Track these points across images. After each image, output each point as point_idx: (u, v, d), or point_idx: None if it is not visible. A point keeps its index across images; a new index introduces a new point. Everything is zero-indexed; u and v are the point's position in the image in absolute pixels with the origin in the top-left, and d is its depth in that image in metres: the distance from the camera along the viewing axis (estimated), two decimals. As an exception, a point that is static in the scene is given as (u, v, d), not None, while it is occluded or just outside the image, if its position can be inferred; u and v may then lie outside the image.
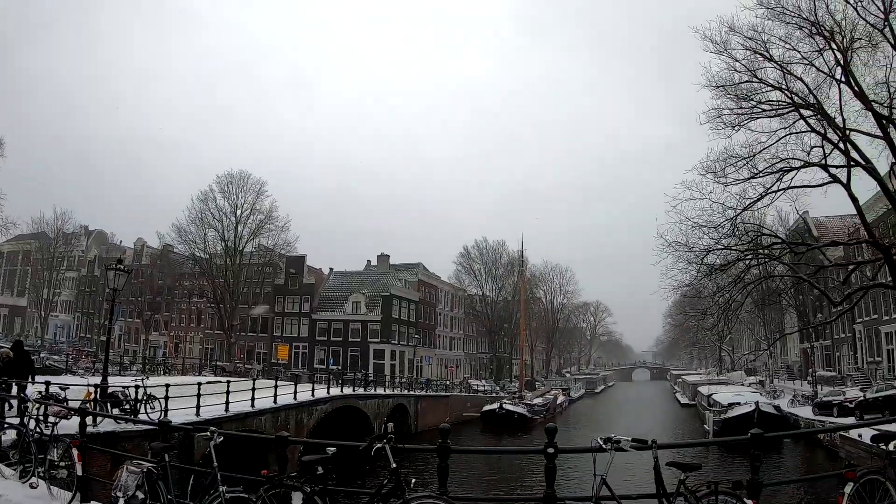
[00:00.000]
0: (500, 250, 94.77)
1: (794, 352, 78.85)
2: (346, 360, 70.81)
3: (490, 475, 27.80)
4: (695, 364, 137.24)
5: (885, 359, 51.49)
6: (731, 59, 29.07)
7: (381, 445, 7.00)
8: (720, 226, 28.56)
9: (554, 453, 6.81)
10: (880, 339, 52.40)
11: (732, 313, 30.83)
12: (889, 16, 27.29)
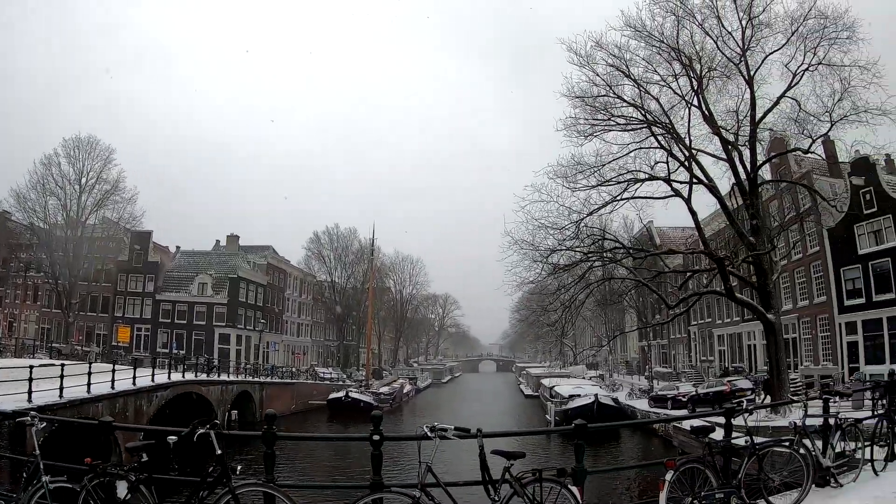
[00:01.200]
0: (352, 237, 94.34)
1: (633, 349, 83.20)
2: (190, 345, 68.16)
3: (332, 463, 27.67)
4: (539, 357, 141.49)
5: (716, 358, 55.72)
6: (594, 73, 30.42)
7: (205, 431, 6.65)
8: (565, 228, 29.99)
9: (379, 441, 6.88)
10: (713, 341, 56.67)
11: (574, 311, 31.91)
12: (746, 52, 29.54)
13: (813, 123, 30.08)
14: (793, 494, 8.37)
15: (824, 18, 28.76)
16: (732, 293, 30.97)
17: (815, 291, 42.63)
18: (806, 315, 43.58)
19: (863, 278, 37.98)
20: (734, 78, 30.95)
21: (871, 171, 37.24)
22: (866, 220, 37.59)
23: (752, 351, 49.51)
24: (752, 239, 30.14)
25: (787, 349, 38.97)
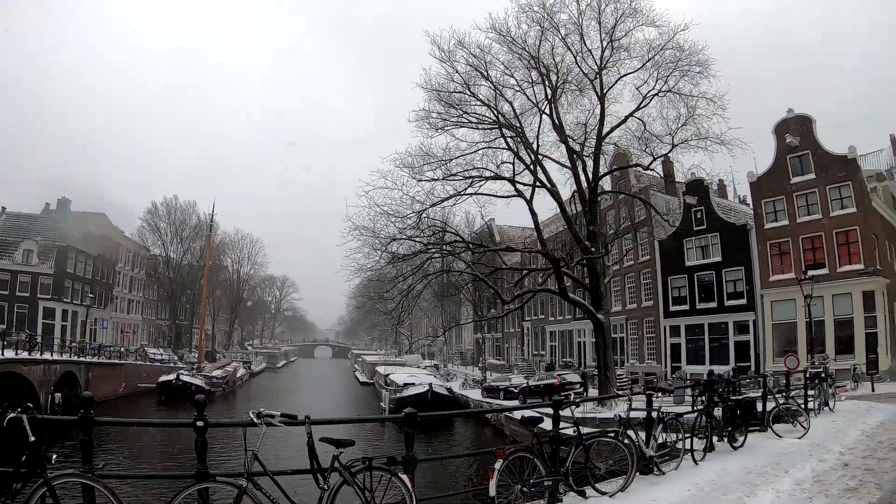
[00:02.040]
0: (191, 211, 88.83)
1: (468, 340, 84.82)
2: (12, 319, 62.57)
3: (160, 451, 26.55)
4: (375, 345, 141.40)
5: (548, 353, 58.31)
6: (453, 69, 30.71)
7: (17, 416, 5.87)
8: (407, 217, 29.98)
9: (204, 427, 6.46)
10: (545, 336, 59.19)
11: (412, 300, 32.21)
12: (602, 71, 30.98)
13: (656, 143, 32.16)
14: (618, 481, 9.00)
15: (681, 51, 30.73)
16: (566, 293, 32.12)
17: (643, 296, 45.75)
18: (634, 317, 46.59)
19: (688, 287, 41.84)
20: (587, 93, 32.48)
21: (704, 193, 41.19)
22: (695, 236, 41.61)
23: (582, 347, 52.10)
24: (587, 243, 31.61)
25: (614, 347, 41.66)
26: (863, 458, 11.53)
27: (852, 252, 35.90)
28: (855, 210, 36.05)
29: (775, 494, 8.84)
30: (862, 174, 37.68)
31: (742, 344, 39.42)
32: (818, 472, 10.29)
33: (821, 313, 35.07)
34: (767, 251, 38.81)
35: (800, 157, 37.97)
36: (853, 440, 13.60)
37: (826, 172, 36.87)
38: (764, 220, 39.13)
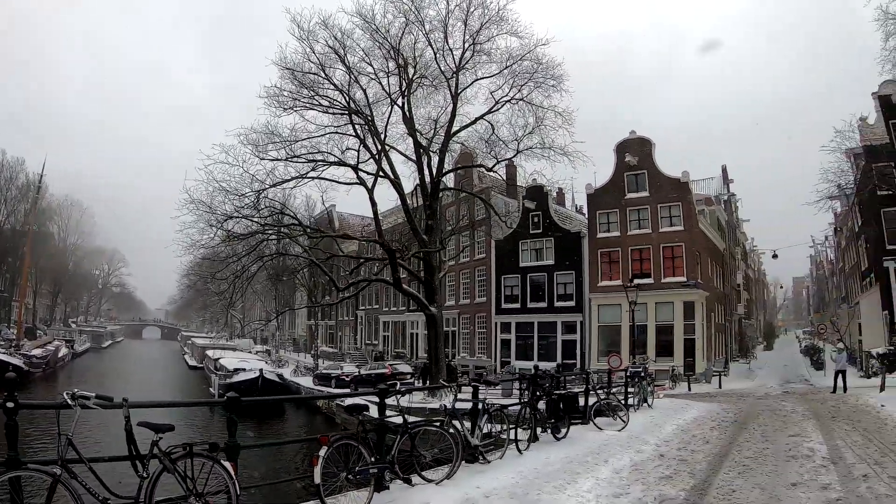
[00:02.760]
0: (19, 169, 79.03)
1: (301, 326, 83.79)
2: None
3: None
4: (206, 328, 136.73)
5: (381, 342, 58.56)
6: (311, 49, 29.88)
7: None
8: (246, 195, 28.88)
9: (14, 408, 5.73)
10: (378, 326, 59.37)
11: (245, 281, 31.22)
12: (459, 72, 31.20)
13: (501, 147, 32.87)
14: (444, 469, 9.03)
15: (538, 64, 31.37)
16: (400, 284, 32.27)
17: (477, 292, 46.65)
18: (467, 312, 47.42)
19: (520, 287, 43.20)
20: (442, 90, 32.63)
21: (543, 199, 42.76)
22: (531, 239, 43.07)
23: (415, 339, 52.55)
24: (425, 237, 31.73)
25: (447, 340, 42.40)
26: (677, 450, 12.25)
27: (677, 266, 38.74)
28: (682, 228, 38.99)
29: (595, 482, 9.14)
30: (692, 197, 40.80)
31: (569, 343, 41.28)
32: (636, 462, 10.79)
33: (644, 319, 37.61)
34: (598, 258, 40.86)
35: (636, 175, 40.36)
36: (669, 433, 14.43)
37: (659, 192, 39.49)
38: (597, 229, 41.24)
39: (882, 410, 18.23)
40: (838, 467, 10.25)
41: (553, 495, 8.26)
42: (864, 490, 8.58)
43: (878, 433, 14.02)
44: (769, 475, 9.82)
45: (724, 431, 15.22)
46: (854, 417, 17.37)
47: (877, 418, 16.97)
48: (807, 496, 8.33)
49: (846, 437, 13.53)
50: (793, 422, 16.98)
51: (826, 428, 15.27)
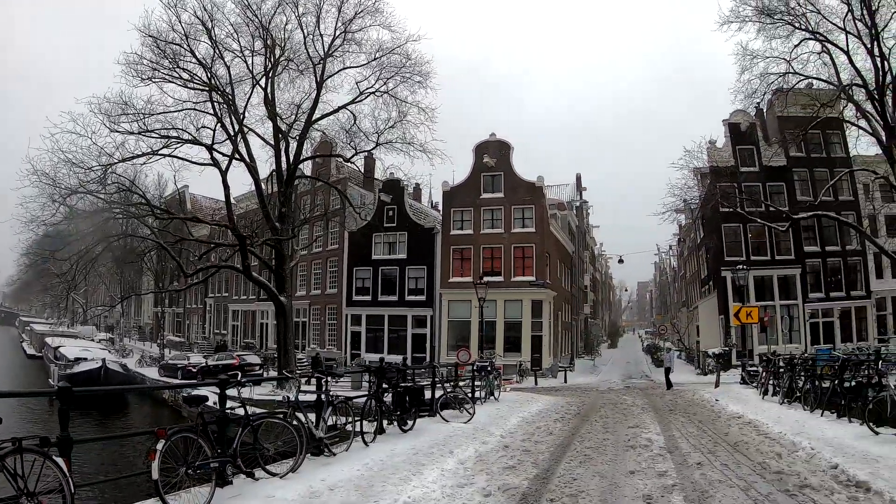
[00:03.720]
0: None
1: (148, 314, 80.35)
2: None
3: None
4: (47, 313, 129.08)
5: (230, 332, 57.03)
6: (177, 18, 28.51)
7: None
8: (93, 169, 26.83)
9: None
10: (228, 315, 57.54)
11: (88, 263, 29.09)
12: (328, 58, 30.76)
13: (362, 139, 32.54)
14: (289, 462, 8.86)
15: (407, 59, 31.35)
16: (250, 272, 31.25)
17: (328, 283, 46.33)
18: (318, 303, 47.00)
19: (372, 280, 43.32)
20: (308, 76, 31.84)
21: (399, 193, 42.87)
22: (385, 232, 43.13)
23: (265, 329, 51.45)
24: (277, 224, 30.91)
25: (297, 331, 41.79)
26: (522, 441, 12.60)
27: (527, 266, 40.11)
28: (534, 230, 40.48)
29: (440, 473, 9.23)
30: (545, 201, 42.50)
31: (420, 336, 41.76)
32: (481, 453, 11.01)
33: (494, 315, 38.73)
34: (451, 255, 41.59)
35: (493, 176, 41.56)
36: (514, 425, 14.84)
37: (514, 194, 40.81)
38: (451, 226, 41.97)
39: (716, 404, 19.59)
40: (674, 456, 10.86)
41: (398, 486, 8.25)
42: (697, 476, 9.12)
43: (711, 425, 15.01)
44: (609, 464, 10.28)
45: (568, 423, 15.83)
46: (690, 411, 18.55)
47: (711, 411, 18.18)
48: (644, 483, 8.73)
49: (682, 429, 14.40)
50: (633, 414, 17.89)
51: (664, 420, 16.19)
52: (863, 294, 41.58)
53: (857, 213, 40.44)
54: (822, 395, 15.51)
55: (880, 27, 30.07)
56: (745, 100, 33.16)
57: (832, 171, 39.00)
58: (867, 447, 10.49)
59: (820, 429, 12.79)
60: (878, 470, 8.81)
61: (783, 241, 40.33)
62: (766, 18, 31.49)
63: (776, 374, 21.09)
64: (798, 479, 8.70)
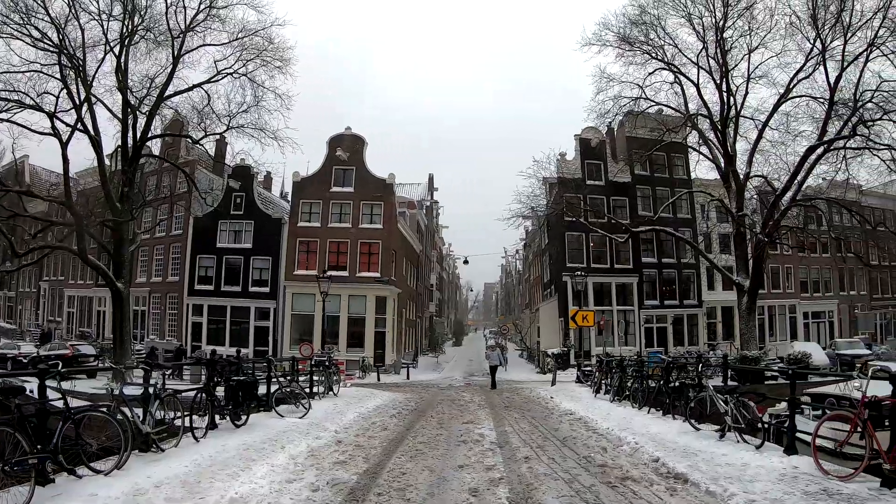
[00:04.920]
0: None
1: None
2: None
3: None
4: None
5: (65, 319, 53.40)
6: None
7: None
8: None
9: None
10: (63, 300, 53.94)
11: None
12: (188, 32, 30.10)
13: (214, 121, 31.56)
14: (114, 459, 8.44)
15: (270, 42, 30.89)
16: (86, 254, 29.32)
17: (170, 271, 44.48)
18: (158, 291, 45.16)
19: (216, 268, 42.12)
20: (165, 49, 30.43)
21: (248, 180, 41.73)
22: (231, 220, 42.13)
23: (102, 317, 48.75)
24: (118, 205, 29.41)
25: (136, 320, 40.11)
26: (355, 436, 12.77)
27: (373, 262, 40.55)
28: (382, 227, 40.92)
29: (270, 468, 9.19)
30: (395, 199, 42.96)
31: (262, 329, 41.05)
32: (313, 448, 11.06)
33: (338, 310, 38.90)
34: (297, 247, 41.18)
35: (345, 170, 41.63)
36: (350, 421, 14.93)
37: (365, 189, 41.04)
38: (299, 218, 41.60)
39: (551, 402, 20.49)
40: (504, 450, 11.29)
41: (226, 483, 8.13)
42: (524, 470, 9.55)
43: (544, 421, 15.66)
44: (439, 458, 10.57)
45: (404, 419, 16.12)
46: (525, 407, 19.26)
47: (545, 408, 18.95)
48: (472, 476, 9.05)
49: (515, 425, 14.94)
50: (469, 411, 18.39)
51: (499, 416, 16.74)
52: (695, 303, 45.15)
53: (693, 231, 44.09)
54: (649, 394, 16.63)
55: (731, 66, 33.01)
56: (598, 118, 35.04)
57: (672, 191, 42.26)
58: (688, 442, 11.27)
59: (645, 425, 13.60)
60: (696, 463, 9.48)
61: (623, 251, 42.91)
62: (626, 46, 33.65)
63: (608, 373, 22.26)
64: (620, 472, 9.30)
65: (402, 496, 7.92)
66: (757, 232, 34.15)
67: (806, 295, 52.86)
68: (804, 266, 52.97)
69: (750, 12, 32.05)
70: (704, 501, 7.63)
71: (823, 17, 30.05)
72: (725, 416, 11.46)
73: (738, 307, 34.95)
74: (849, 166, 32.13)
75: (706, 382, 13.33)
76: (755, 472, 8.76)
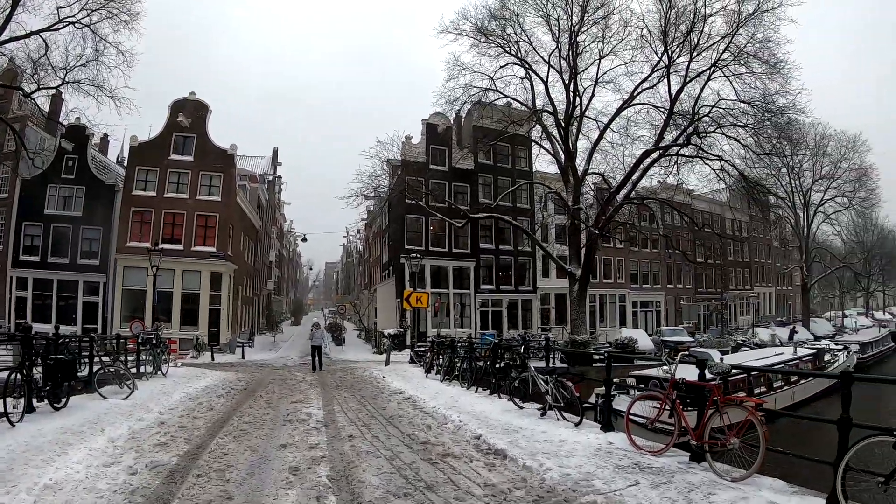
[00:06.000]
0: None
1: None
2: None
3: None
4: None
5: None
6: None
7: None
8: None
9: None
10: None
11: None
12: None
13: (50, 74, 29.60)
14: None
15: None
16: None
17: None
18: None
19: (42, 238, 38.45)
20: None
21: (83, 141, 38.89)
22: (62, 185, 38.87)
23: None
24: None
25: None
26: (179, 417, 12.53)
27: (209, 236, 39.10)
28: (220, 199, 39.50)
29: (87, 452, 8.87)
30: (235, 171, 41.57)
31: (92, 305, 38.49)
32: (134, 431, 10.75)
33: (171, 285, 37.33)
34: (130, 217, 38.74)
35: (186, 137, 39.75)
36: (176, 401, 14.64)
37: (205, 159, 39.47)
38: (134, 185, 39.18)
39: (382, 381, 20.79)
40: (329, 429, 11.42)
41: (40, 469, 7.76)
42: (347, 448, 9.72)
43: (373, 400, 15.88)
44: (263, 438, 10.56)
45: (232, 399, 15.95)
46: (357, 387, 19.45)
47: (376, 388, 19.19)
48: (294, 455, 9.12)
49: (344, 404, 15.11)
50: (300, 390, 18.43)
51: (328, 396, 16.86)
52: (530, 289, 46.95)
53: (531, 220, 45.82)
54: (477, 374, 17.35)
55: (581, 69, 34.82)
56: (447, 105, 35.86)
57: (514, 181, 43.78)
58: (510, 420, 11.81)
59: (472, 404, 14.14)
60: (516, 440, 9.95)
61: (461, 236, 43.80)
62: (482, 37, 34.55)
63: (440, 354, 22.88)
64: (442, 449, 9.63)
65: (222, 477, 7.87)
66: (590, 225, 35.91)
67: (636, 286, 56.56)
68: (635, 259, 56.72)
69: (605, 21, 34.11)
70: (521, 476, 7.95)
71: (673, 35, 32.76)
72: (546, 396, 12.13)
73: (570, 294, 36.61)
74: (680, 172, 35.17)
75: (529, 363, 13.90)
76: (572, 447, 9.33)
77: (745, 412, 7.55)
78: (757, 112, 32.18)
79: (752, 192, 35.45)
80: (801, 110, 32.11)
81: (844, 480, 6.05)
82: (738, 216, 65.32)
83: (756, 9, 31.23)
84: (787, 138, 34.07)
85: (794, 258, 71.35)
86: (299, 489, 7.27)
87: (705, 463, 7.97)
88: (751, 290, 73.51)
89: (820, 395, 28.63)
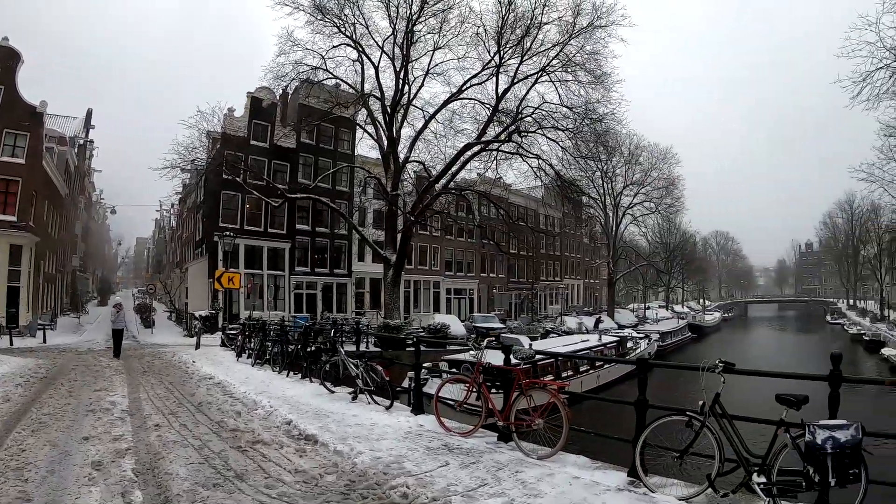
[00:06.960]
0: None
1: None
2: None
3: None
4: None
5: None
6: None
7: None
8: None
9: None
10: None
11: None
12: None
13: None
14: None
15: None
16: None
17: None
18: None
19: None
20: None
21: None
22: None
23: None
24: None
25: None
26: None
27: (9, 202, 34.98)
28: (24, 162, 35.52)
29: None
30: (43, 131, 37.85)
31: None
32: None
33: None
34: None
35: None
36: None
37: (11, 115, 35.04)
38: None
39: (192, 366, 20.18)
40: (134, 419, 11.00)
41: None
42: (153, 438, 9.40)
43: (181, 386, 15.45)
44: (64, 431, 9.98)
45: (31, 388, 14.91)
46: (165, 372, 18.79)
47: (185, 373, 18.63)
48: (97, 449, 8.66)
49: (150, 391, 14.59)
50: (104, 377, 17.49)
51: (134, 383, 16.19)
52: (345, 273, 47.04)
53: (349, 204, 45.83)
54: (289, 358, 17.33)
55: (413, 58, 35.58)
56: (275, 80, 35.31)
57: (335, 163, 43.52)
58: (321, 404, 11.92)
59: (283, 389, 14.13)
60: (327, 424, 10.06)
61: (278, 216, 43.19)
62: (319, 14, 34.14)
63: (251, 337, 22.52)
64: (252, 436, 9.53)
65: (20, 476, 7.35)
66: (407, 212, 36.49)
67: (450, 273, 58.05)
68: (450, 248, 58.20)
69: (444, 14, 34.75)
70: (332, 461, 8.04)
71: (508, 37, 34.18)
72: (357, 380, 12.40)
73: (385, 279, 37.07)
74: (500, 167, 36.58)
75: (340, 347, 14.08)
76: (383, 430, 9.57)
77: (549, 395, 8.10)
78: (577, 118, 34.02)
79: (567, 192, 37.42)
80: (619, 120, 34.81)
81: (643, 456, 6.73)
82: (552, 213, 68.26)
83: (590, 23, 33.11)
84: (603, 144, 36.72)
85: (603, 254, 77.69)
86: (103, 485, 6.95)
87: (512, 443, 8.46)
88: (560, 282, 77.90)
89: (623, 379, 30.87)
